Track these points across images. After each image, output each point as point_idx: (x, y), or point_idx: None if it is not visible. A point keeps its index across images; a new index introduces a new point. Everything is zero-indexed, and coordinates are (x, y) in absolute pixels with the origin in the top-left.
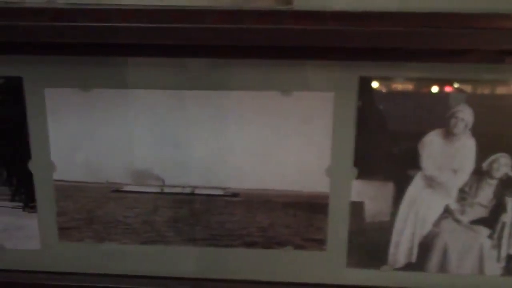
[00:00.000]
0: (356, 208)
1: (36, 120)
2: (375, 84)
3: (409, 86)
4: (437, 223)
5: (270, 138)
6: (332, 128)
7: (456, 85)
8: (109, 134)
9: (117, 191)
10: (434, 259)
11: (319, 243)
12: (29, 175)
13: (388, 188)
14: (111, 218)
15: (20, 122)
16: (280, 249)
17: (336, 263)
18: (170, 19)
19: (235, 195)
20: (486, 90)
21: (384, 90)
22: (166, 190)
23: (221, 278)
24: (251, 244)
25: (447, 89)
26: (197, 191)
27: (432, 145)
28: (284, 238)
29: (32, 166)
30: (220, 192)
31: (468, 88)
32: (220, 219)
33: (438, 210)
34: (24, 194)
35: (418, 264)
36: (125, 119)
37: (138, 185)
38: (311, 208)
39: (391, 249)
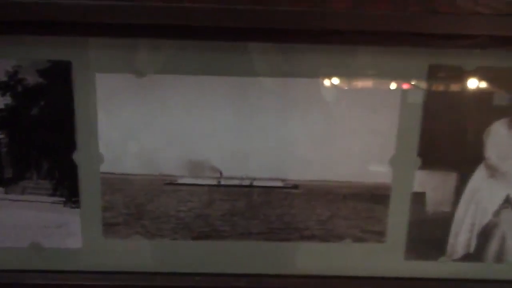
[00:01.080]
0: (418, 199)
1: (84, 107)
2: (443, 73)
3: (475, 75)
4: (496, 213)
5: (334, 128)
6: (398, 117)
7: None
8: (163, 123)
9: (171, 183)
10: (492, 249)
11: (379, 235)
12: (73, 167)
13: (451, 178)
14: (163, 212)
15: (67, 110)
16: (339, 242)
17: (394, 255)
18: (236, 1)
19: (295, 187)
20: None
21: (451, 78)
22: (223, 182)
23: (277, 273)
24: (309, 238)
25: None
26: (255, 183)
27: (497, 134)
28: (343, 231)
29: (77, 157)
30: (280, 184)
31: None
32: (278, 212)
33: (498, 200)
34: (66, 188)
35: (476, 254)
36: (182, 107)
37: (194, 177)
38: (372, 199)
39: (450, 240)
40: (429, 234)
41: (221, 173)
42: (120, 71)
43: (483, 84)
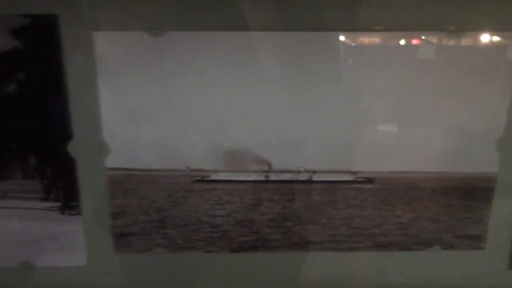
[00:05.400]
0: None
1: (80, 79)
2: None
3: None
4: None
5: (420, 102)
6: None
7: None
8: (188, 99)
9: (202, 180)
10: None
11: (476, 240)
12: (69, 162)
13: None
14: (192, 218)
15: (55, 83)
16: (425, 250)
17: (496, 264)
18: None
19: (368, 181)
20: None
21: None
22: (273, 177)
23: None
24: (385, 246)
25: None
26: (316, 178)
27: None
28: (430, 236)
29: (74, 148)
30: (349, 178)
31: None
32: (346, 215)
33: None
34: (62, 189)
35: None
36: (213, 77)
37: (232, 172)
38: (471, 194)
39: None
40: None
41: (269, 166)
42: (126, 27)
43: None
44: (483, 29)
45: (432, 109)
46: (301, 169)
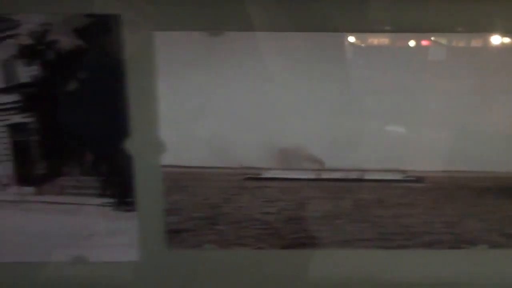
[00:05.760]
0: None
1: (139, 78)
2: None
3: None
4: None
5: (474, 99)
6: None
7: None
8: (244, 99)
9: (254, 178)
10: None
11: None
12: (126, 159)
13: None
14: (244, 215)
15: (115, 82)
16: (471, 249)
17: None
18: None
19: (418, 180)
20: None
21: None
22: (325, 175)
23: None
24: (432, 244)
25: None
26: (367, 176)
27: None
28: (476, 235)
29: (131, 145)
30: (399, 177)
31: None
32: (395, 213)
33: None
34: (118, 186)
35: None
36: (268, 77)
37: (285, 170)
38: None
39: None
40: None
41: (322, 164)
42: (187, 27)
43: None
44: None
45: (484, 112)
46: (352, 168)
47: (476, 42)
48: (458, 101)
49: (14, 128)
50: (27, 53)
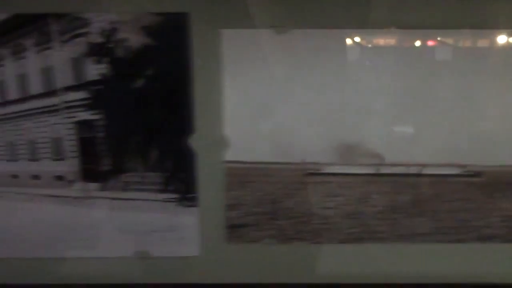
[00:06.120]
0: None
1: (205, 76)
2: None
3: None
4: None
5: None
6: None
7: None
8: (307, 96)
9: (315, 173)
10: None
11: None
12: (190, 155)
13: None
14: (304, 210)
15: (182, 79)
16: None
17: None
18: None
19: (476, 174)
20: None
21: None
22: (384, 170)
23: (447, 282)
24: (489, 238)
25: None
26: (426, 171)
27: None
28: None
29: (195, 142)
30: (457, 171)
31: None
32: (452, 207)
33: None
34: (181, 181)
35: None
36: (331, 74)
37: (345, 165)
38: None
39: None
40: None
41: (382, 159)
42: (252, 25)
43: None
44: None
45: None
46: (411, 163)
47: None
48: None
49: (81, 125)
50: (97, 51)
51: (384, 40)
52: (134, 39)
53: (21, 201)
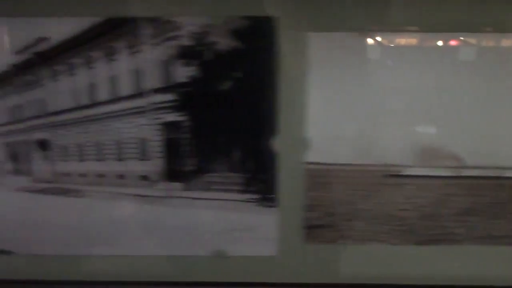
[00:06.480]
0: None
1: (291, 78)
2: None
3: None
4: None
5: None
6: None
7: None
8: (390, 99)
9: (395, 175)
10: None
11: None
12: (272, 156)
13: None
14: (382, 212)
15: (268, 82)
16: None
17: None
18: None
19: None
20: None
21: None
22: (464, 173)
23: None
24: None
25: None
26: (507, 174)
27: None
28: None
29: (278, 143)
30: None
31: None
32: None
33: None
34: (262, 182)
35: None
36: (414, 77)
37: (425, 168)
38: None
39: None
40: None
41: (462, 162)
42: (339, 28)
43: None
44: None
45: None
46: (492, 166)
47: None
48: None
49: (168, 126)
50: (187, 54)
51: (477, 42)
52: (223, 42)
53: (105, 199)
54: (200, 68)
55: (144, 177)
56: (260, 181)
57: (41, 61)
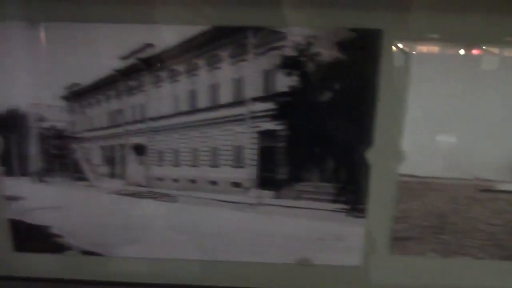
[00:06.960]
0: None
1: (392, 91)
2: None
3: None
4: None
5: None
6: None
7: None
8: (486, 112)
9: (488, 190)
10: None
11: None
12: (365, 168)
13: None
14: (471, 225)
15: (368, 94)
16: None
17: None
18: None
19: None
20: None
21: None
22: None
23: None
24: None
25: None
26: None
27: None
28: None
29: (372, 155)
30: None
31: None
32: None
33: None
34: (353, 192)
35: None
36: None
37: None
38: None
39: None
40: None
41: None
42: (438, 44)
43: None
44: None
45: None
46: None
47: None
48: None
49: (264, 135)
50: (289, 64)
51: None
52: (326, 53)
53: (196, 204)
54: (301, 79)
55: (237, 184)
56: (351, 191)
57: (145, 66)
